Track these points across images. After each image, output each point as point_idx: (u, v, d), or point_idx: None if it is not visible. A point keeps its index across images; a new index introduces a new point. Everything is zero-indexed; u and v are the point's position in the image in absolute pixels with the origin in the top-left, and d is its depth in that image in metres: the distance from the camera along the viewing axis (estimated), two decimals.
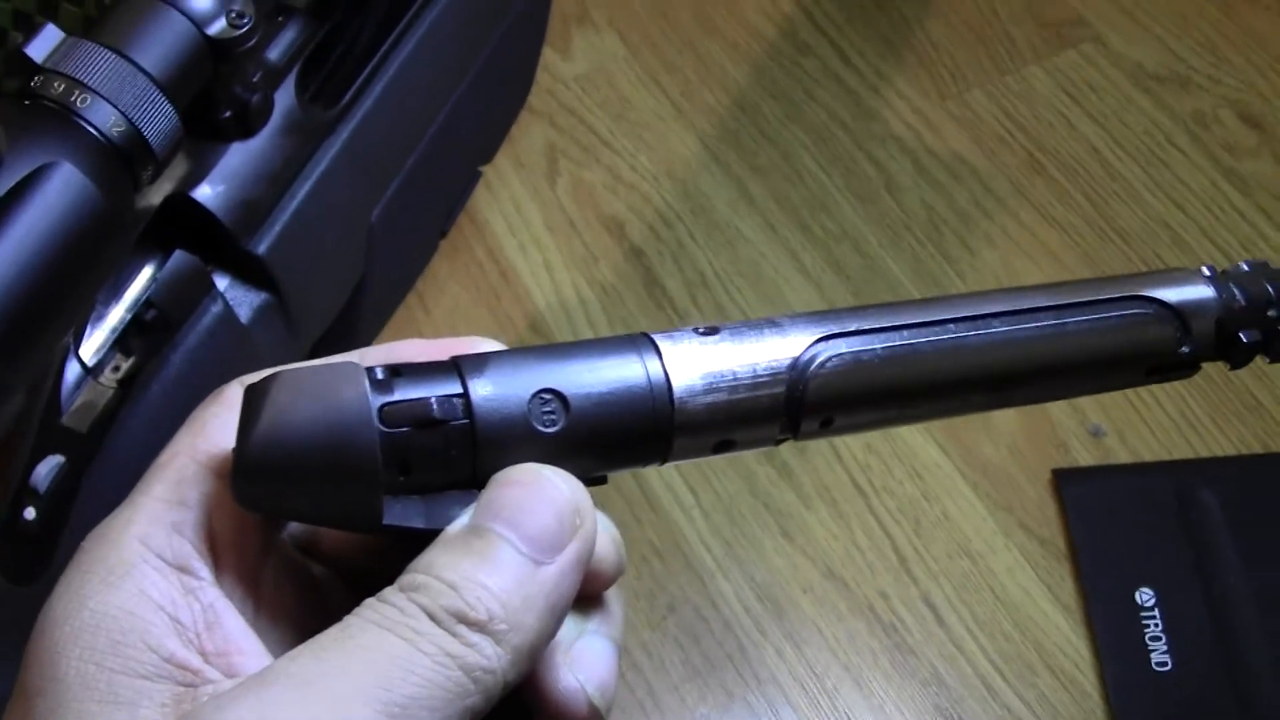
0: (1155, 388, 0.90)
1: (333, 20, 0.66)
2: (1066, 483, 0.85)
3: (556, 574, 0.33)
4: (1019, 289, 0.42)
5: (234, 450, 0.33)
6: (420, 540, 0.33)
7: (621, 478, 0.86)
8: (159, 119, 0.53)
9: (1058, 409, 0.89)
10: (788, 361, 0.38)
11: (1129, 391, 0.90)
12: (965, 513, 0.86)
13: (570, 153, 1.01)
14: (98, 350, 0.59)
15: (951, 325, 0.40)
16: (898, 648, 0.81)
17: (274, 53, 0.62)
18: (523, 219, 0.97)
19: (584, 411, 0.35)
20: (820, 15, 1.10)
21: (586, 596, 0.36)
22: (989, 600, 0.83)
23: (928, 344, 0.39)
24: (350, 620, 0.32)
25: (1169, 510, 0.83)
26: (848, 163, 1.01)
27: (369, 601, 0.32)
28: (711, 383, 0.36)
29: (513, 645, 0.32)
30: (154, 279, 0.59)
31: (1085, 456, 0.87)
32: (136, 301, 0.60)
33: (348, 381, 0.33)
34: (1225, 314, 0.43)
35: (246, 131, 0.61)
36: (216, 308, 0.61)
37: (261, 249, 0.62)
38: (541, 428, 0.34)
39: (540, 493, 0.33)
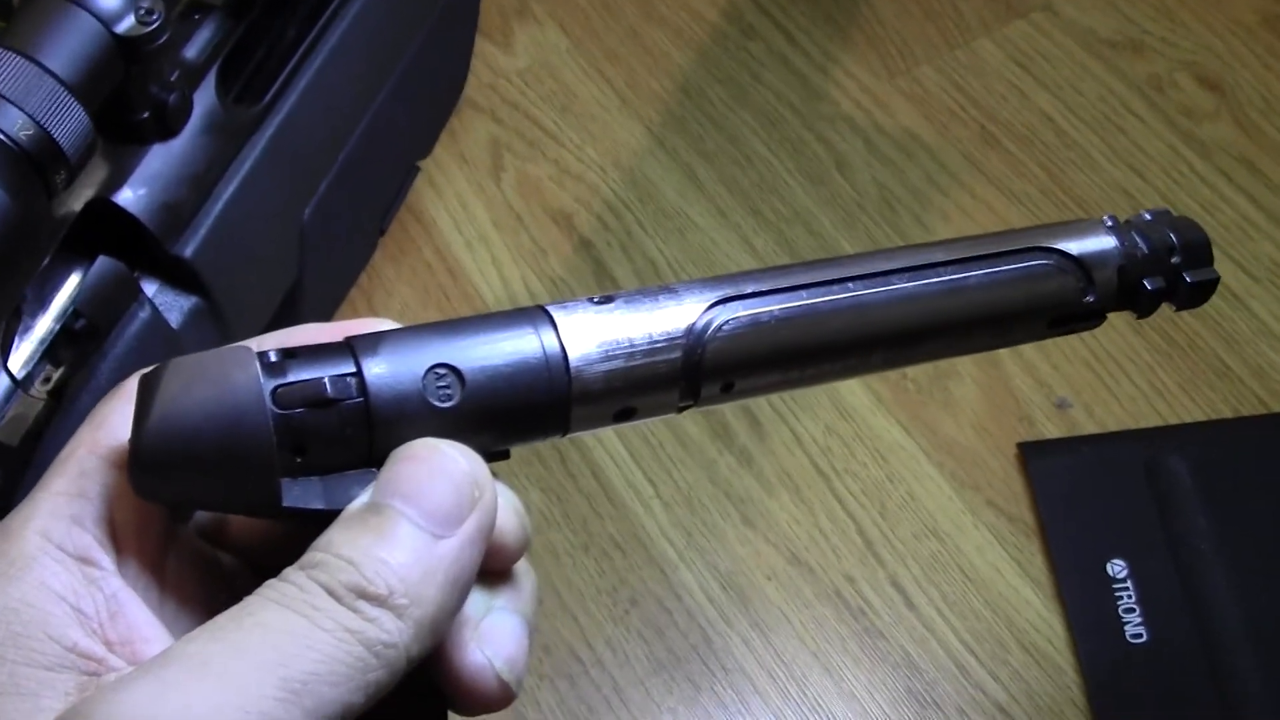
0: (1122, 358, 0.89)
1: (251, 17, 0.65)
2: (1032, 456, 0.84)
3: (456, 547, 0.32)
4: (920, 245, 0.42)
5: (129, 441, 0.33)
6: (322, 521, 0.33)
7: (578, 471, 0.84)
8: (69, 121, 0.51)
9: (1021, 383, 0.88)
10: (684, 327, 0.37)
11: (1095, 363, 0.89)
12: (931, 492, 0.84)
13: (515, 147, 1.00)
14: (26, 362, 0.57)
15: (850, 284, 0.39)
16: (867, 632, 0.80)
17: (191, 51, 0.61)
18: (469, 215, 0.96)
19: (479, 385, 0.34)
20: None
21: (494, 572, 0.36)
22: (958, 580, 0.81)
23: (826, 303, 0.39)
24: (249, 600, 0.31)
25: (1138, 480, 0.82)
26: (797, 144, 1.00)
27: (269, 582, 0.32)
28: (607, 351, 0.36)
29: (414, 619, 0.31)
30: (80, 287, 0.58)
31: (1051, 429, 0.86)
32: (64, 311, 0.58)
33: (239, 365, 0.32)
34: (1128, 262, 0.43)
35: (166, 132, 0.60)
36: (145, 314, 0.59)
37: (188, 252, 0.60)
38: (437, 403, 0.34)
39: (437, 467, 0.33)
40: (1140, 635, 0.77)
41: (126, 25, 0.53)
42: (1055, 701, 0.77)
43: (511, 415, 0.35)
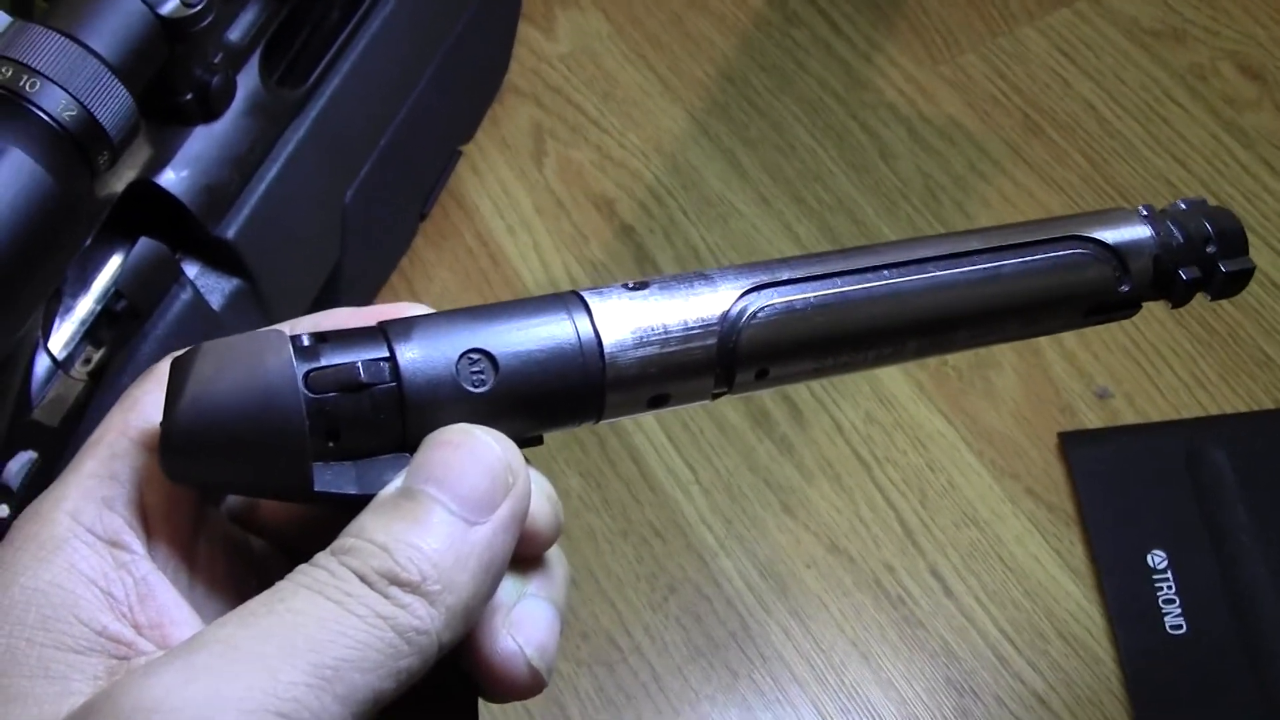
0: (1163, 348, 0.88)
1: (295, 1, 0.65)
2: (1073, 446, 0.83)
3: (490, 533, 0.32)
4: (956, 233, 0.41)
5: (161, 424, 0.32)
6: (354, 506, 0.33)
7: (617, 457, 0.85)
8: (113, 103, 0.52)
9: (1062, 372, 0.87)
10: (718, 314, 0.37)
11: (1136, 352, 0.88)
12: (971, 481, 0.84)
13: (557, 132, 1.00)
14: (67, 343, 0.58)
15: (885, 271, 0.39)
16: (906, 620, 0.79)
17: (234, 33, 0.61)
18: (510, 201, 0.96)
19: (513, 370, 0.34)
20: None
21: (526, 558, 0.36)
22: (998, 569, 0.81)
23: (861, 291, 0.39)
24: (280, 585, 0.31)
25: (1179, 470, 0.82)
26: (841, 132, 1.00)
27: (300, 567, 0.31)
28: (642, 337, 0.36)
29: (447, 605, 0.31)
30: (121, 268, 0.58)
31: (1092, 419, 0.86)
32: (105, 292, 0.59)
33: (272, 349, 0.32)
34: (1163, 252, 0.42)
35: (209, 114, 0.60)
36: (186, 295, 0.59)
37: (230, 234, 0.61)
38: (470, 388, 0.34)
39: (471, 452, 0.33)
40: (1180, 626, 0.76)
41: (171, 6, 0.54)
42: (1094, 691, 0.76)
43: (545, 401, 0.35)
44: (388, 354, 0.33)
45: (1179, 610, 0.77)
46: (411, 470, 0.33)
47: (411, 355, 0.33)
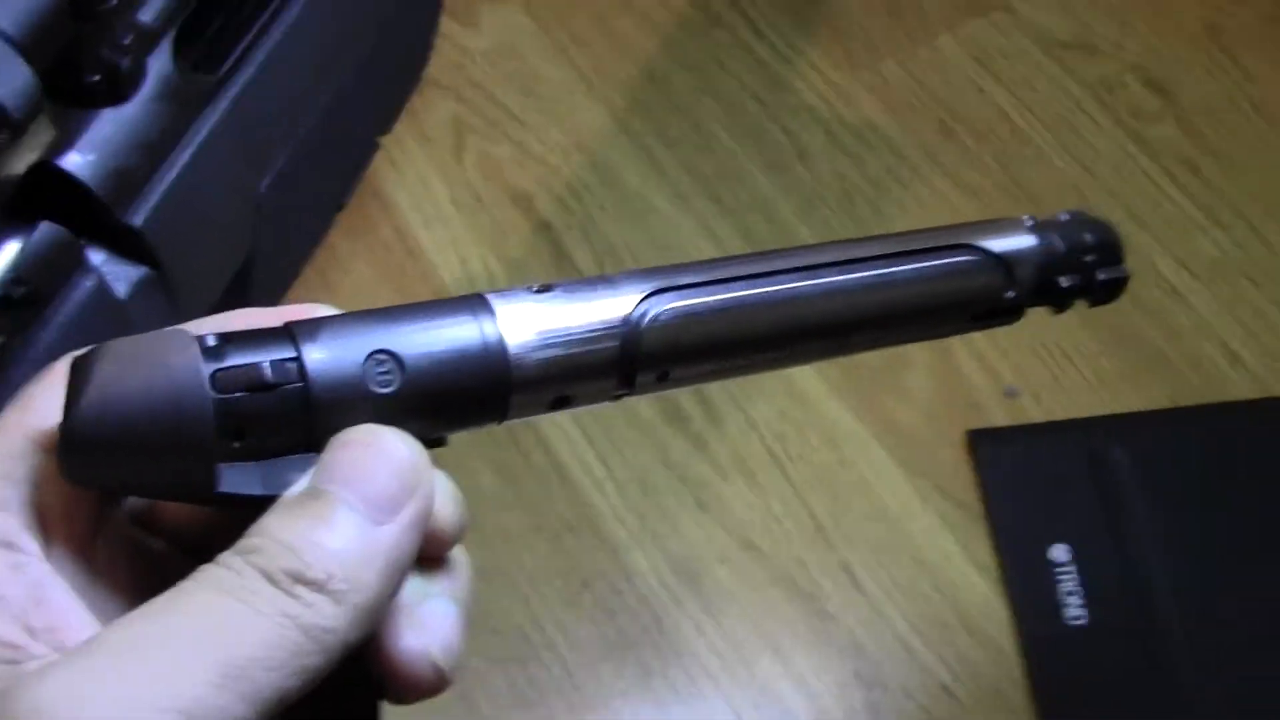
0: (1069, 348, 0.90)
1: None
2: (981, 443, 0.85)
3: (395, 533, 0.32)
4: (853, 240, 0.43)
5: (60, 425, 0.32)
6: (259, 507, 0.32)
7: (531, 451, 0.85)
8: (13, 78, 0.51)
9: (971, 371, 0.89)
10: (620, 316, 0.37)
11: (1043, 352, 0.90)
12: (881, 477, 0.85)
13: (477, 127, 1.00)
14: None
15: (783, 276, 0.40)
16: (817, 615, 0.80)
17: (146, 15, 0.60)
18: (429, 195, 0.96)
19: (419, 371, 0.34)
20: None
21: (431, 558, 0.36)
22: (907, 564, 0.82)
23: (759, 295, 0.40)
24: (184, 584, 0.31)
25: (1082, 467, 0.83)
26: (760, 133, 1.00)
27: (204, 566, 0.31)
28: (546, 340, 0.36)
29: (352, 604, 0.31)
30: (21, 253, 0.57)
31: (1000, 417, 0.87)
32: (3, 278, 0.57)
33: (177, 348, 0.32)
34: (1046, 260, 0.44)
35: (118, 97, 0.59)
36: (90, 283, 0.59)
37: (138, 220, 0.60)
38: (377, 388, 0.34)
39: (377, 452, 0.33)
40: (1080, 618, 0.78)
41: None
42: (997, 682, 0.78)
43: (450, 402, 0.35)
44: (294, 354, 0.33)
45: (1080, 602, 0.78)
46: (318, 470, 0.33)
47: (318, 355, 0.33)
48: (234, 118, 0.65)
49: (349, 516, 0.32)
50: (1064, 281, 0.44)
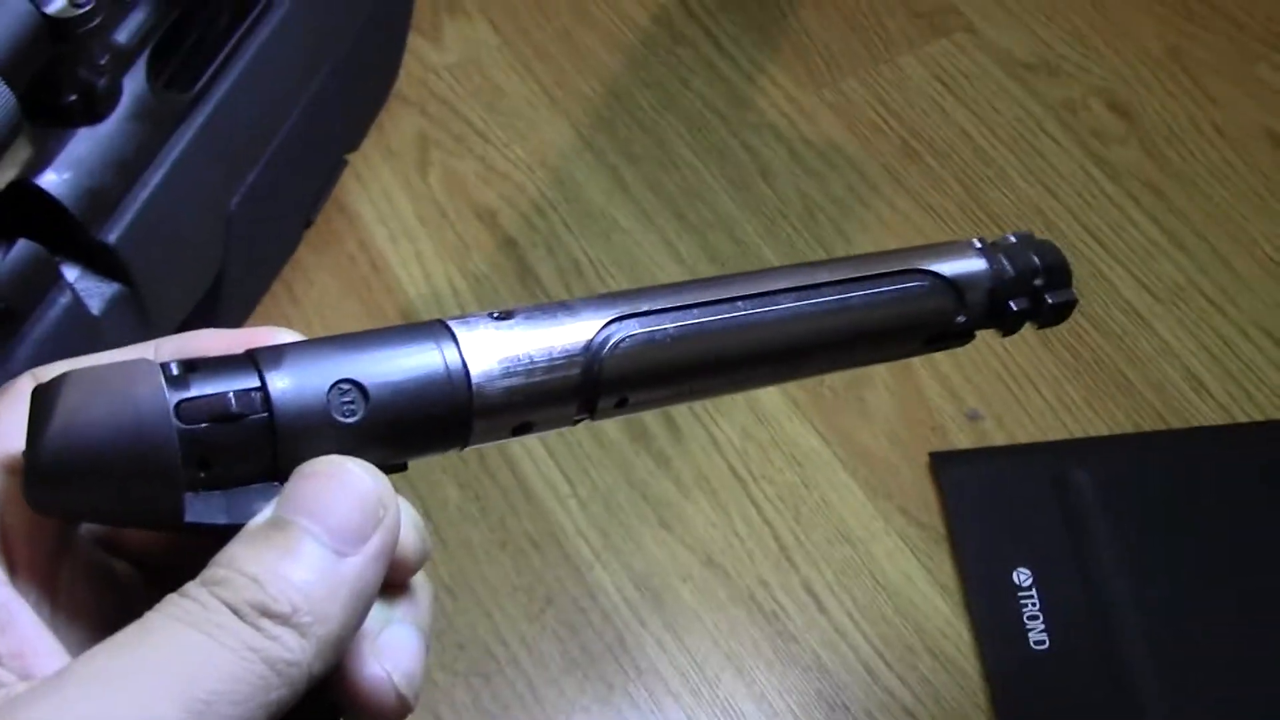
0: (1031, 372, 0.91)
1: (184, 4, 0.64)
2: (944, 466, 0.85)
3: (360, 565, 0.32)
4: (807, 265, 0.43)
5: (24, 454, 0.32)
6: (224, 535, 0.33)
7: (496, 467, 0.85)
8: None
9: (935, 393, 0.89)
10: (581, 344, 0.38)
11: (1006, 376, 0.90)
12: (845, 499, 0.86)
13: (442, 142, 0.99)
14: None
15: (740, 303, 0.41)
16: (779, 635, 0.81)
17: (122, 35, 0.60)
18: (393, 209, 0.95)
19: (383, 401, 0.35)
20: (696, 4, 1.09)
21: (392, 585, 0.36)
22: (869, 586, 0.83)
23: (717, 322, 0.40)
24: (150, 616, 0.31)
25: (1045, 491, 0.84)
26: (723, 150, 1.01)
27: (170, 597, 0.31)
28: (508, 368, 0.37)
29: (317, 637, 0.31)
30: None
31: (963, 440, 0.88)
32: None
33: (142, 378, 0.32)
34: (996, 284, 0.45)
35: (94, 116, 0.59)
36: (64, 299, 0.58)
37: (112, 238, 0.60)
38: (341, 418, 0.34)
39: (342, 484, 0.33)
40: (1043, 642, 0.79)
41: (57, 6, 0.53)
42: (960, 705, 0.78)
43: (414, 430, 0.36)
44: (259, 384, 0.33)
45: (1043, 627, 0.79)
46: (282, 500, 0.33)
47: (283, 385, 0.34)
48: (207, 135, 0.65)
49: (313, 549, 0.32)
50: (1014, 305, 0.45)
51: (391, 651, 0.34)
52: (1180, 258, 0.97)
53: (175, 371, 0.33)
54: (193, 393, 0.33)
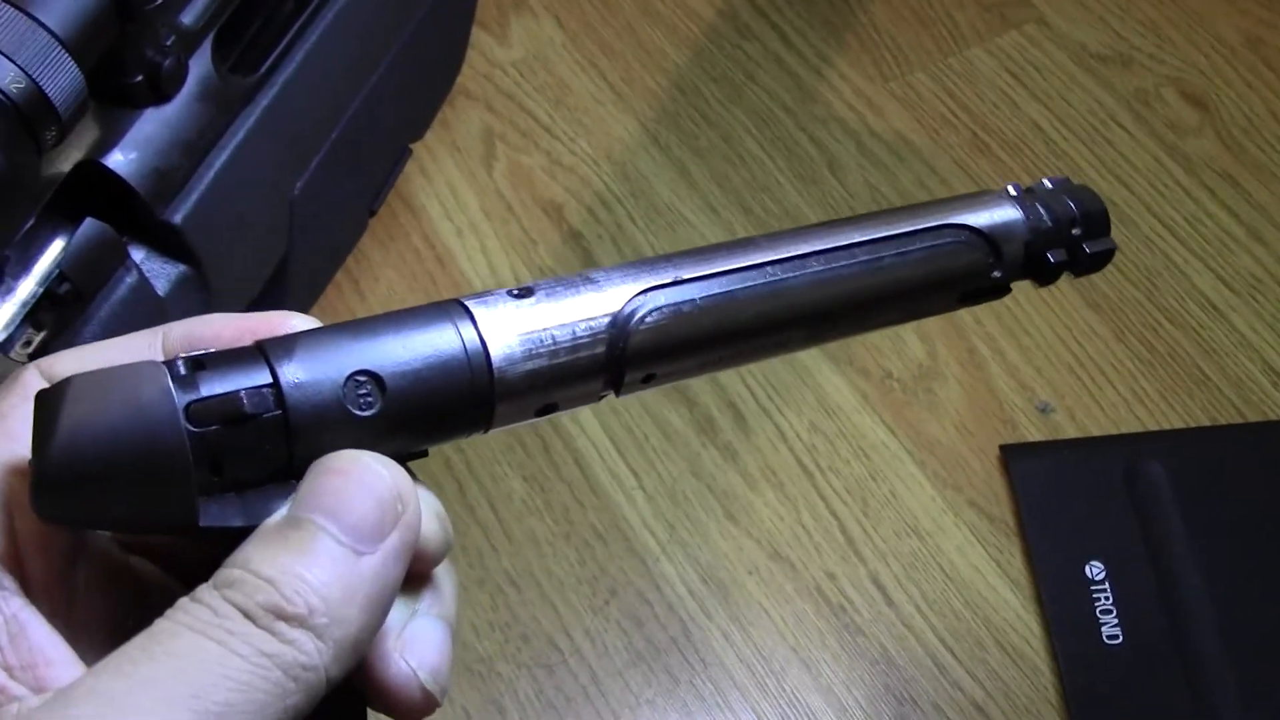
0: (1104, 365, 0.89)
1: None
2: (1014, 459, 0.84)
3: (379, 563, 0.31)
4: (836, 223, 0.42)
5: (31, 464, 0.31)
6: (241, 538, 0.32)
7: (561, 460, 0.84)
8: (62, 77, 0.51)
9: (1005, 386, 0.88)
10: (607, 319, 0.36)
11: (1078, 368, 0.89)
12: (913, 491, 0.84)
13: (508, 137, 1.00)
14: (8, 324, 0.57)
15: (769, 268, 0.39)
16: (846, 628, 0.80)
17: (188, 16, 0.60)
18: (459, 203, 0.96)
19: (401, 390, 0.33)
20: None
21: (415, 576, 0.35)
22: (938, 578, 0.81)
23: (746, 289, 0.39)
24: (160, 624, 0.30)
25: (1117, 484, 0.82)
26: (790, 144, 1.00)
27: (181, 602, 0.30)
28: (531, 348, 0.35)
29: (335, 639, 0.30)
30: (65, 250, 0.57)
31: (1033, 433, 0.86)
32: (48, 274, 0.58)
33: (149, 381, 0.31)
34: (1033, 236, 0.43)
35: (160, 97, 0.59)
36: (131, 279, 0.59)
37: (178, 218, 0.60)
38: (358, 411, 0.33)
39: (359, 481, 0.32)
40: (1116, 637, 0.77)
41: None
42: (1031, 701, 0.77)
43: (434, 417, 0.34)
44: (271, 380, 0.32)
45: (1116, 621, 0.77)
46: (298, 499, 0.32)
47: (296, 381, 0.32)
48: (271, 119, 0.65)
49: (330, 548, 0.31)
50: (1052, 256, 0.43)
51: (416, 645, 0.33)
52: (1258, 249, 0.95)
53: (183, 371, 0.32)
54: (202, 393, 0.31)
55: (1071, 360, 0.89)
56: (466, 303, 0.35)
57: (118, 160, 0.58)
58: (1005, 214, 0.43)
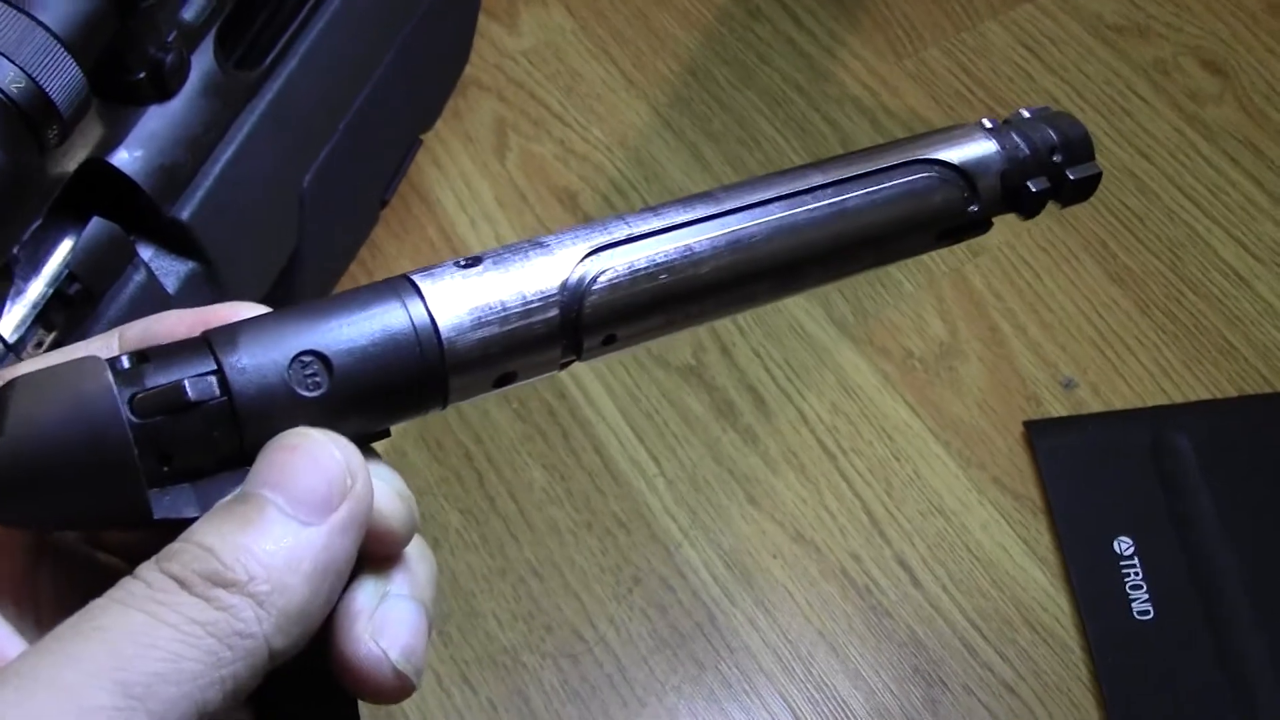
0: (1128, 338, 0.88)
1: None
2: (1039, 435, 0.83)
3: (326, 535, 0.31)
4: (799, 168, 0.40)
5: None
6: None
7: (580, 448, 0.84)
8: (62, 76, 0.51)
9: (1028, 362, 0.87)
10: (557, 284, 0.35)
11: (1101, 342, 0.88)
12: (937, 471, 0.83)
13: (520, 126, 0.99)
14: (19, 326, 0.56)
15: (727, 218, 0.37)
16: (873, 610, 0.79)
17: (189, 12, 0.59)
18: (473, 194, 0.95)
19: (348, 369, 0.33)
20: None
21: (385, 557, 0.34)
22: (964, 558, 0.80)
23: (704, 242, 0.37)
24: (94, 603, 0.29)
25: (1144, 457, 0.81)
26: (803, 125, 0.99)
27: (121, 580, 0.30)
28: (480, 317, 0.34)
29: (278, 608, 0.29)
30: (74, 249, 0.57)
31: (1057, 409, 0.85)
32: (57, 275, 0.57)
33: (90, 376, 0.31)
34: (1010, 166, 0.41)
35: (163, 93, 0.59)
36: (140, 277, 0.58)
37: (185, 214, 0.60)
38: (305, 393, 0.32)
39: (307, 454, 0.31)
40: (1147, 612, 0.76)
41: None
42: (1062, 679, 0.76)
43: (385, 395, 0.34)
44: (214, 367, 0.32)
45: (1146, 596, 0.76)
46: (248, 478, 0.31)
47: (240, 365, 0.32)
48: (276, 112, 0.65)
49: (276, 518, 0.30)
50: (1033, 186, 0.41)
51: (388, 627, 0.33)
52: None
53: (126, 365, 0.32)
54: (146, 384, 0.31)
55: (1094, 334, 0.88)
56: (413, 277, 0.35)
57: (123, 158, 0.57)
58: (979, 147, 0.41)
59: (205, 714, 0.28)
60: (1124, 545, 0.78)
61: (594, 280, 0.36)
